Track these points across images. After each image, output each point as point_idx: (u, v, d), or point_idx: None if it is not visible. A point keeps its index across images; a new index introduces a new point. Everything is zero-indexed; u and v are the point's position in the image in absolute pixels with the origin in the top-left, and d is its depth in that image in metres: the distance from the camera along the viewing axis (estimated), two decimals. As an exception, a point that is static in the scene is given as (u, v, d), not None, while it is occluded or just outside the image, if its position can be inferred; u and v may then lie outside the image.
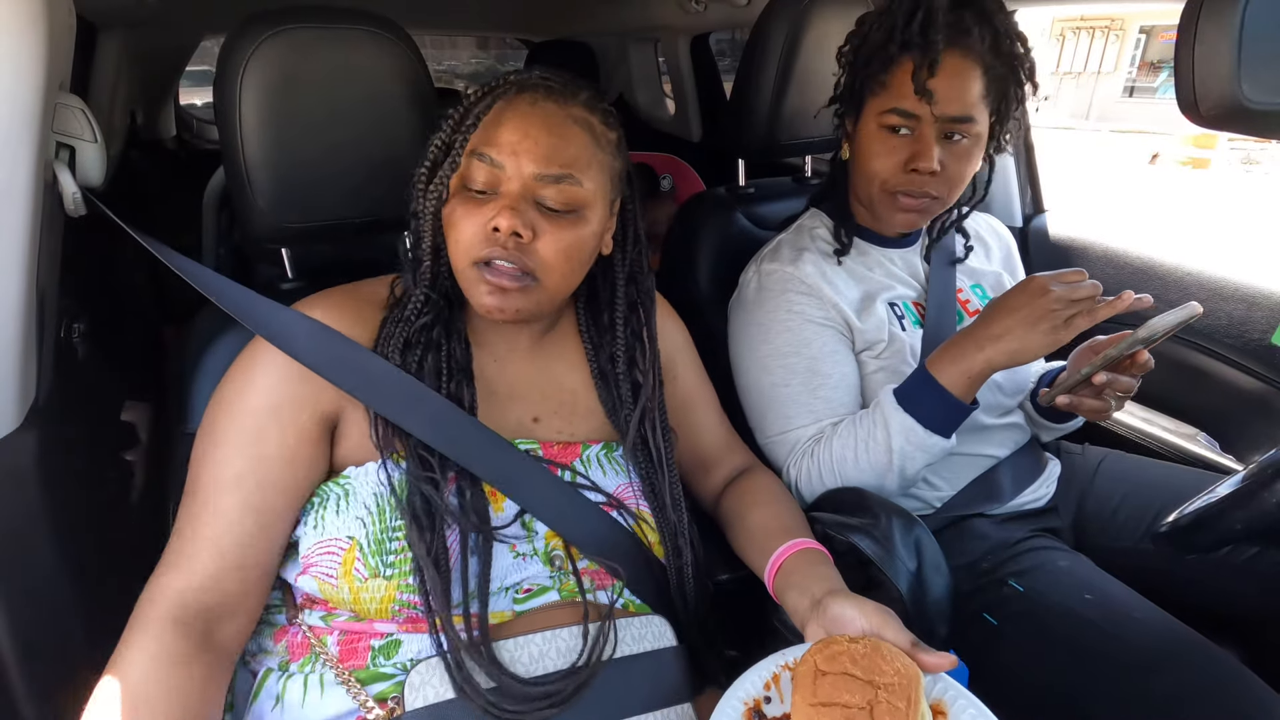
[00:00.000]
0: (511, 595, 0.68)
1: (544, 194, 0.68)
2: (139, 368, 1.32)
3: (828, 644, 0.57)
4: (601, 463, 0.76)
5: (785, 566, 0.73)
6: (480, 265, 0.67)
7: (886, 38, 0.90)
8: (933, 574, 0.79)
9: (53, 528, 0.74)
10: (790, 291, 0.96)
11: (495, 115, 0.68)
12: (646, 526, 0.74)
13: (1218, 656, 0.76)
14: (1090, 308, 0.77)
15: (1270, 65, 0.57)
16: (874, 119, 0.93)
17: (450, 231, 0.69)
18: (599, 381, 0.80)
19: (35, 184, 0.71)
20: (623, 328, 0.79)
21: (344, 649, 0.65)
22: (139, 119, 2.26)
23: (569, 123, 0.69)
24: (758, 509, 0.83)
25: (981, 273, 1.10)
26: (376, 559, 0.63)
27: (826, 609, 0.64)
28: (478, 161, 0.68)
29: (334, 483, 0.67)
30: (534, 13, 2.29)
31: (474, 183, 0.68)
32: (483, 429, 0.70)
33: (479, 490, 0.68)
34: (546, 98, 0.69)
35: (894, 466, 0.87)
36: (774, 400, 0.96)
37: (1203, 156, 10.83)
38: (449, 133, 0.69)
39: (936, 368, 0.85)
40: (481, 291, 0.68)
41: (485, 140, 0.68)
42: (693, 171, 2.32)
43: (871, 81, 0.93)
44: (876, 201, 0.97)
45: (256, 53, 0.73)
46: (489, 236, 0.66)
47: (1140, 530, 1.01)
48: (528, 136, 0.67)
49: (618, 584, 0.72)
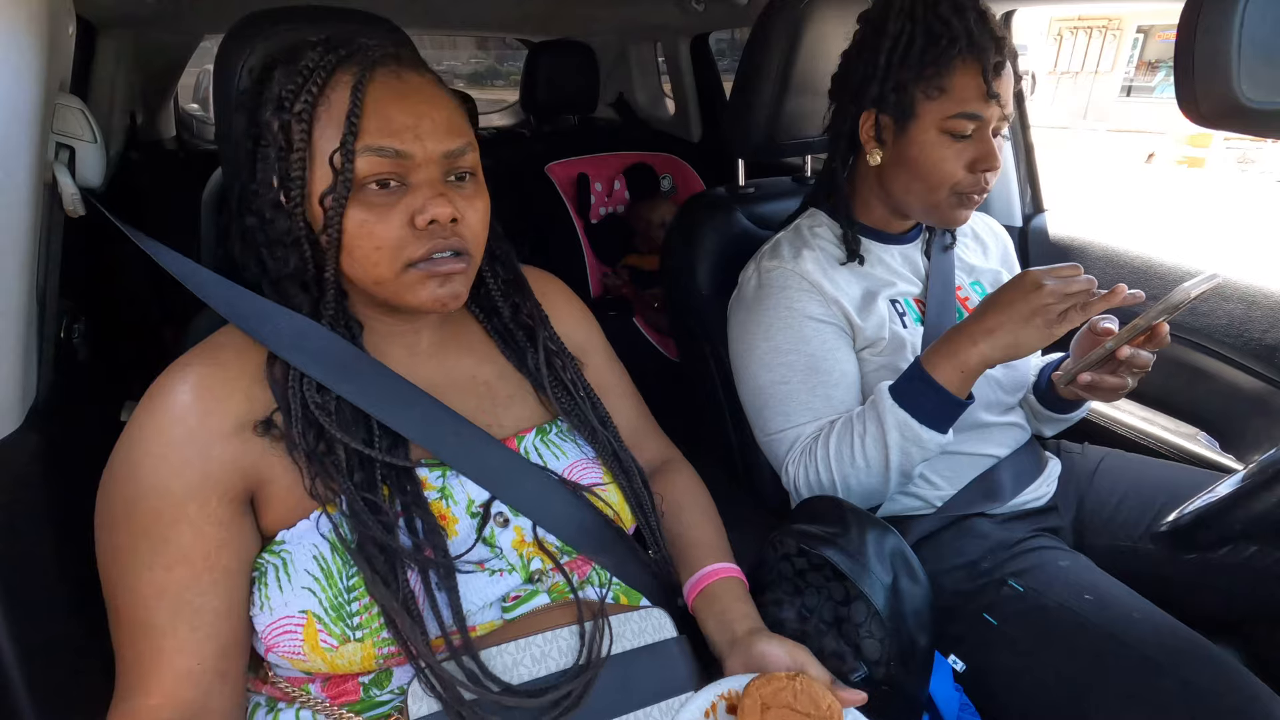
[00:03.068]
0: (499, 606, 0.67)
1: (454, 168, 0.64)
2: (139, 368, 1.32)
3: (767, 680, 0.62)
4: (540, 449, 0.74)
5: (707, 592, 0.75)
6: (414, 264, 0.62)
7: (938, 40, 0.88)
8: (910, 585, 0.79)
9: (53, 528, 0.74)
10: (791, 288, 0.96)
11: (371, 103, 0.60)
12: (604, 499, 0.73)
13: (1218, 656, 0.76)
14: (1084, 301, 0.77)
15: (1269, 65, 0.57)
16: (935, 124, 0.90)
17: (357, 241, 0.61)
18: (505, 347, 0.77)
19: (35, 184, 0.71)
20: (493, 279, 0.77)
21: (331, 691, 0.64)
22: (139, 119, 2.26)
23: (439, 88, 0.65)
24: (681, 514, 0.83)
25: (980, 270, 1.10)
26: (341, 625, 0.59)
27: (751, 647, 0.68)
28: (375, 157, 0.60)
29: (268, 553, 0.62)
30: (534, 13, 2.28)
31: (370, 180, 0.61)
32: (473, 427, 0.68)
33: (430, 518, 0.63)
34: (407, 69, 0.64)
35: (891, 462, 0.87)
36: (773, 397, 0.96)
37: (1198, 156, 10.85)
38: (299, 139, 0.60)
39: (931, 363, 0.85)
40: (428, 289, 0.63)
41: (376, 132, 0.60)
42: (693, 171, 2.32)
43: (926, 86, 0.90)
44: (942, 204, 0.94)
45: (255, 53, 0.73)
46: (420, 232, 0.62)
47: (1140, 530, 1.01)
48: (423, 116, 0.62)
49: (605, 573, 0.72)
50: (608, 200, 2.25)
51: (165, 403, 0.61)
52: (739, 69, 1.16)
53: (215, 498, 0.60)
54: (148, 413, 0.61)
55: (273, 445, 0.62)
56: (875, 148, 0.97)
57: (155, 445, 0.59)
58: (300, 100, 0.60)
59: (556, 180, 2.15)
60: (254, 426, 0.62)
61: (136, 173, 1.99)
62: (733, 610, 0.73)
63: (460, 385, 0.74)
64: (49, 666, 0.71)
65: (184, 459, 0.59)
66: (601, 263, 2.21)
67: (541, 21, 2.42)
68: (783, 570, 0.85)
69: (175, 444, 0.59)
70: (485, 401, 0.74)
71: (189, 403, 0.61)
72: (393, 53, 0.64)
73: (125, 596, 0.59)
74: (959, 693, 0.85)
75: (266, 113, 0.62)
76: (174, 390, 0.61)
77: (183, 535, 0.58)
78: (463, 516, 0.67)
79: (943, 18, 0.89)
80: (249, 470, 0.61)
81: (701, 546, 0.80)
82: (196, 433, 0.60)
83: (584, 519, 0.71)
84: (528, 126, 2.49)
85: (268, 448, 0.62)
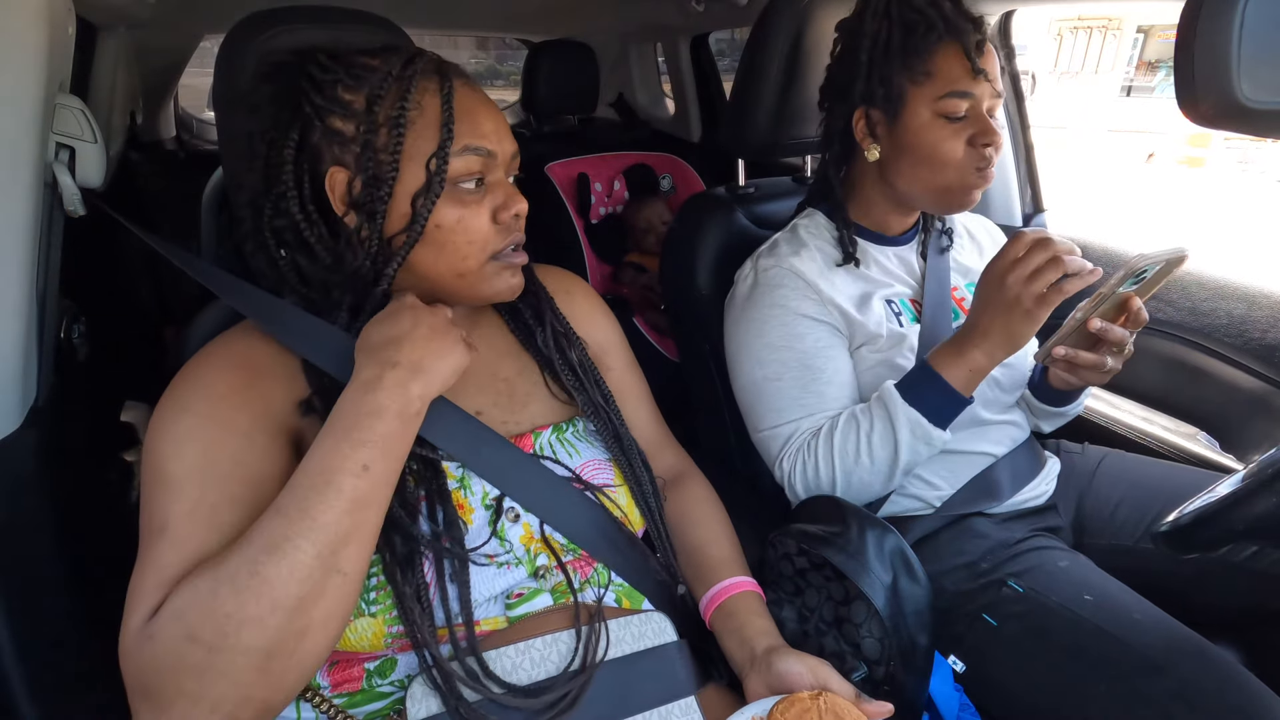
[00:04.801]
0: (502, 602, 0.67)
1: (513, 168, 0.70)
2: (139, 368, 1.32)
3: (791, 703, 0.62)
4: (554, 446, 0.75)
5: (725, 607, 0.75)
6: (496, 256, 0.68)
7: (915, 29, 0.90)
8: (910, 585, 0.79)
9: (53, 527, 0.74)
10: (786, 286, 0.96)
11: (460, 108, 0.65)
12: (613, 500, 0.74)
13: (1218, 656, 0.76)
14: (1057, 282, 0.77)
15: (1270, 65, 0.57)
16: (927, 109, 0.91)
17: (452, 236, 0.66)
18: (529, 347, 0.79)
19: (35, 185, 0.71)
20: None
21: (336, 677, 0.64)
22: (139, 119, 2.26)
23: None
24: (697, 528, 0.84)
25: (975, 271, 1.10)
26: (359, 598, 0.60)
27: (771, 665, 0.67)
28: (471, 157, 0.65)
29: None
30: (534, 13, 2.29)
31: (468, 179, 0.66)
32: (483, 426, 0.69)
33: (450, 508, 0.65)
34: (463, 76, 0.69)
35: (900, 460, 0.88)
36: (766, 394, 0.96)
37: (1198, 155, 10.84)
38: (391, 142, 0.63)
39: (939, 363, 0.86)
40: (505, 278, 0.69)
41: (471, 134, 0.65)
42: (693, 171, 2.32)
43: (912, 73, 0.91)
44: (953, 187, 0.94)
45: (256, 53, 0.73)
46: (501, 226, 0.68)
47: (1140, 530, 1.01)
48: (497, 119, 0.68)
49: (605, 574, 0.72)
50: (608, 200, 2.25)
51: (227, 351, 0.65)
52: (739, 69, 1.16)
53: (267, 435, 0.61)
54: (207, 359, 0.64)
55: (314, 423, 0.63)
56: (871, 144, 0.98)
57: (219, 386, 0.61)
58: (393, 106, 0.63)
59: (556, 180, 2.15)
60: (297, 405, 0.64)
61: (136, 173, 1.99)
62: (751, 626, 0.73)
63: (481, 381, 0.75)
64: (49, 666, 0.71)
65: (245, 399, 0.61)
66: (602, 262, 2.21)
67: (541, 21, 2.43)
68: (783, 570, 0.85)
69: (237, 386, 0.62)
70: (504, 398, 0.76)
71: (244, 354, 0.64)
72: (450, 65, 0.68)
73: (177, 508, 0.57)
74: (959, 693, 0.85)
75: (335, 119, 0.64)
76: (232, 345, 0.65)
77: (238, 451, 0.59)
78: (478, 508, 0.68)
79: (917, 8, 0.91)
80: (296, 429, 0.64)
81: (718, 561, 0.80)
82: (254, 379, 0.63)
83: (591, 518, 0.71)
84: (528, 126, 2.49)
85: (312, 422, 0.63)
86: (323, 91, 0.65)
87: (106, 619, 0.61)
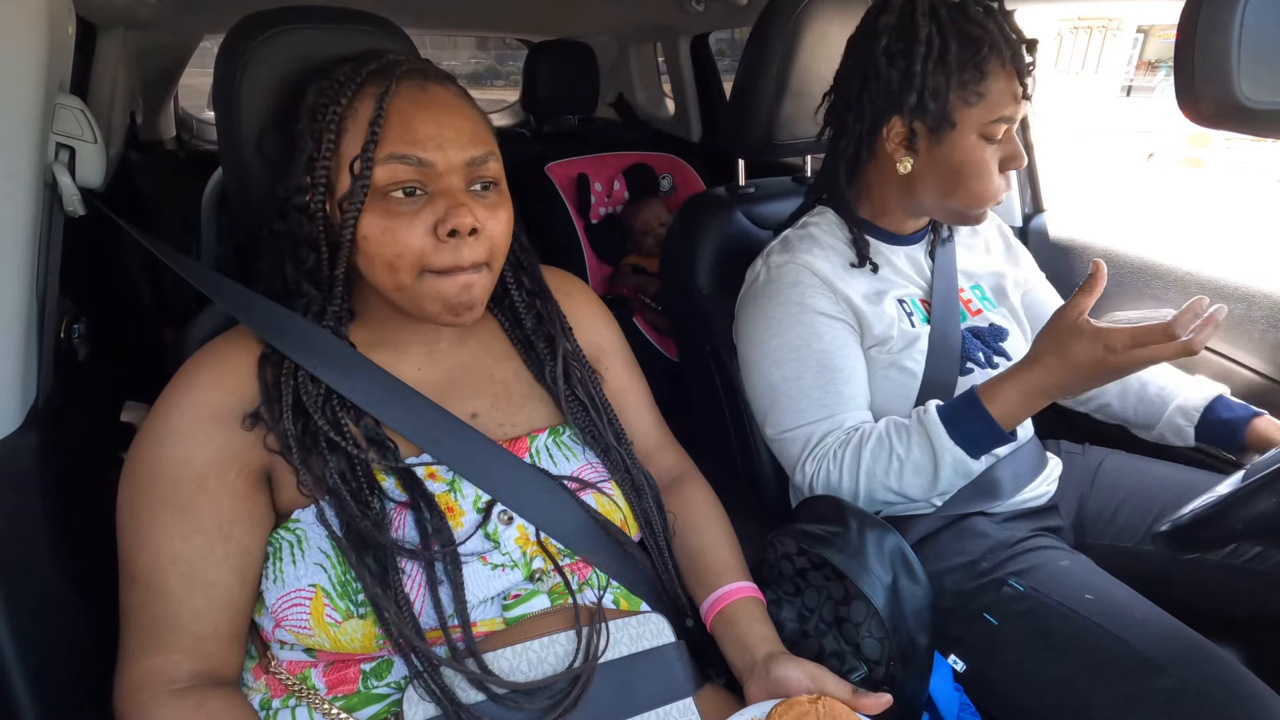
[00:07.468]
0: (499, 604, 0.67)
1: (476, 177, 0.65)
2: (139, 368, 1.32)
3: (790, 706, 0.63)
4: (550, 449, 0.74)
5: (725, 613, 0.75)
6: (432, 273, 0.64)
7: (976, 45, 0.86)
8: (910, 585, 0.79)
9: (53, 528, 0.74)
10: (802, 284, 0.96)
11: (395, 113, 0.63)
12: (611, 504, 0.73)
13: (1218, 656, 0.76)
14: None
15: (1269, 65, 0.57)
16: (975, 131, 0.89)
17: (378, 249, 0.63)
18: (525, 354, 0.78)
19: (35, 185, 0.71)
20: (517, 289, 0.78)
21: (331, 678, 0.64)
22: (139, 119, 2.26)
23: (464, 100, 0.68)
24: (697, 532, 0.83)
25: (980, 274, 1.10)
26: (345, 601, 0.61)
27: (770, 671, 0.68)
28: (398, 165, 0.62)
29: (284, 529, 0.64)
30: (534, 13, 2.29)
31: (395, 188, 0.62)
32: (473, 431, 0.69)
33: (438, 512, 0.65)
34: (431, 81, 0.66)
35: (937, 489, 0.88)
36: (785, 394, 0.95)
37: (1198, 156, 10.84)
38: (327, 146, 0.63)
39: (992, 398, 0.84)
40: (445, 298, 0.64)
41: (400, 140, 0.62)
42: (693, 171, 2.32)
43: (965, 93, 0.88)
44: (977, 205, 0.94)
45: (255, 53, 0.73)
46: (440, 242, 0.62)
47: (1141, 530, 1.01)
48: (445, 125, 0.64)
49: (603, 576, 0.72)
50: (607, 200, 2.25)
51: (192, 383, 0.65)
52: (739, 69, 1.16)
53: (234, 472, 0.63)
54: (174, 391, 0.64)
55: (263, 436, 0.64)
56: (905, 155, 0.94)
57: (180, 421, 0.63)
58: (330, 110, 0.63)
59: (556, 180, 2.15)
60: (241, 420, 0.64)
61: (136, 173, 1.99)
62: (751, 633, 0.73)
63: (476, 383, 0.75)
64: (49, 666, 0.71)
65: (207, 434, 0.62)
66: (602, 262, 2.21)
67: (541, 21, 2.43)
68: (783, 570, 0.85)
69: (199, 421, 0.63)
70: (500, 400, 0.75)
71: (213, 383, 0.64)
72: (420, 67, 0.67)
73: (144, 561, 0.61)
74: (959, 693, 0.85)
75: (300, 123, 0.64)
76: (201, 372, 0.65)
77: (201, 506, 0.61)
78: (469, 510, 0.67)
79: (976, 21, 0.87)
80: (267, 450, 0.64)
81: (719, 565, 0.80)
82: (220, 411, 0.63)
83: (585, 522, 0.71)
84: (528, 126, 2.49)
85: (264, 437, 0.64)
86: (301, 100, 0.65)
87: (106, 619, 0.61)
